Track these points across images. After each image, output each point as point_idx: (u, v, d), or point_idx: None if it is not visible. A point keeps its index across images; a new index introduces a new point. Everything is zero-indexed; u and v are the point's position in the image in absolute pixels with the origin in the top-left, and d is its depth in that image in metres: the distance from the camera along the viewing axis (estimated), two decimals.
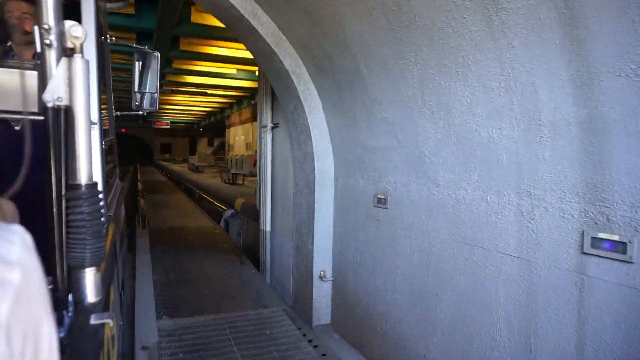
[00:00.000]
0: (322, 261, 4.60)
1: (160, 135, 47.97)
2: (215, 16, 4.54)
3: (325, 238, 4.59)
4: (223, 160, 34.02)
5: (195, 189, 12.81)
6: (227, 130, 33.30)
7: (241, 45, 13.81)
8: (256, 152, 23.92)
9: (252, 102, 24.20)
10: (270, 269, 5.89)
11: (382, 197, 3.68)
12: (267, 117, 5.86)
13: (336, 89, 4.02)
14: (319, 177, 4.53)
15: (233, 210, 8.12)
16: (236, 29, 4.52)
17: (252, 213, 6.88)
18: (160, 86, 20.36)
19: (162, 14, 10.71)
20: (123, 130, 38.48)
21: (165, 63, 16.43)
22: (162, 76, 19.22)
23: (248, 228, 7.26)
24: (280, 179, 5.65)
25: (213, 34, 12.16)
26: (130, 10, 12.11)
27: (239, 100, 27.14)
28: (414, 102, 3.06)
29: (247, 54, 14.66)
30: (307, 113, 4.46)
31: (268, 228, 5.88)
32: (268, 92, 5.77)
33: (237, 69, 17.69)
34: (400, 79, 3.11)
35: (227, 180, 13.67)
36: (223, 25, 12.15)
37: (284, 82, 4.58)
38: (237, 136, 29.39)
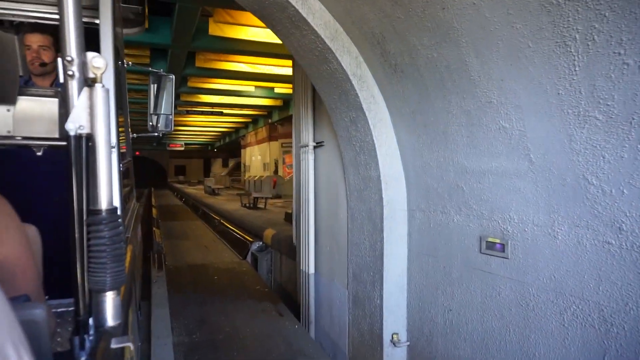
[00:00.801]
0: (395, 321, 3.50)
1: (175, 157, 47.53)
2: (249, 8, 3.56)
3: (399, 290, 3.50)
4: (239, 181, 33.23)
5: (214, 215, 11.80)
6: (242, 151, 32.53)
7: (261, 60, 12.95)
8: (275, 172, 22.95)
9: (269, 120, 23.39)
10: (316, 321, 4.79)
11: (496, 241, 2.60)
12: (307, 134, 4.84)
13: (417, 93, 2.98)
14: (389, 210, 3.47)
15: (261, 243, 7.07)
16: (276, 22, 3.54)
17: (287, 248, 5.82)
18: (175, 106, 19.54)
19: (177, 27, 9.90)
20: (137, 152, 38.06)
21: (180, 82, 15.68)
22: (177, 96, 18.50)
23: (281, 265, 6.19)
24: (326, 209, 4.60)
25: (232, 48, 11.33)
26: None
27: (254, 120, 26.38)
28: (571, 103, 2.00)
29: (267, 69, 13.81)
30: (371, 127, 3.42)
31: (311, 269, 4.81)
32: (308, 102, 4.77)
33: (255, 86, 16.88)
34: (544, 71, 2.06)
35: (247, 205, 12.66)
36: (243, 38, 11.37)
37: (338, 88, 3.56)
38: (254, 156, 28.56)
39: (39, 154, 1.21)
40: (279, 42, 6.13)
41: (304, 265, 4.94)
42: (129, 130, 2.65)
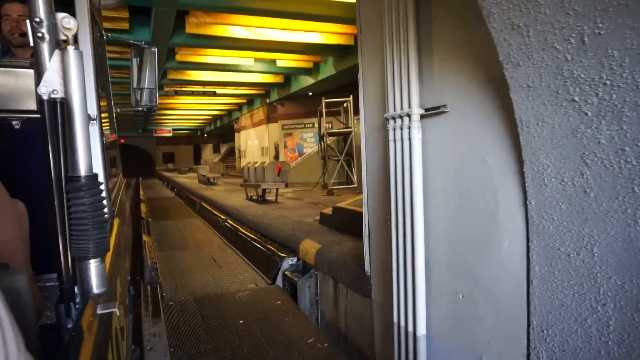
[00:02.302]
0: None
1: (162, 144, 44.99)
2: None
3: None
4: (233, 168, 31.03)
5: (217, 213, 9.71)
6: (236, 135, 30.25)
7: (264, 22, 10.73)
8: (275, 157, 20.78)
9: (267, 100, 21.15)
10: None
11: None
12: (403, 95, 2.77)
13: None
14: None
15: (297, 260, 5.05)
16: None
17: (350, 276, 3.82)
18: (161, 87, 17.16)
19: None
20: (122, 140, 35.49)
21: (167, 55, 13.38)
22: (164, 74, 16.15)
23: (337, 298, 4.17)
24: (454, 225, 2.56)
25: (231, 5, 9.12)
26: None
27: (250, 100, 24.09)
28: None
29: (270, 35, 11.58)
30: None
31: (420, 328, 2.79)
32: (409, 35, 2.68)
33: (255, 59, 14.62)
34: None
35: (256, 198, 10.59)
36: None
37: None
38: (250, 141, 26.33)
39: (17, 127, 1.20)
40: None
41: (400, 316, 2.92)
42: (112, 105, 2.66)
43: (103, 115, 1.84)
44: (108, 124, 2.35)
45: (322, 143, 14.36)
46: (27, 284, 0.69)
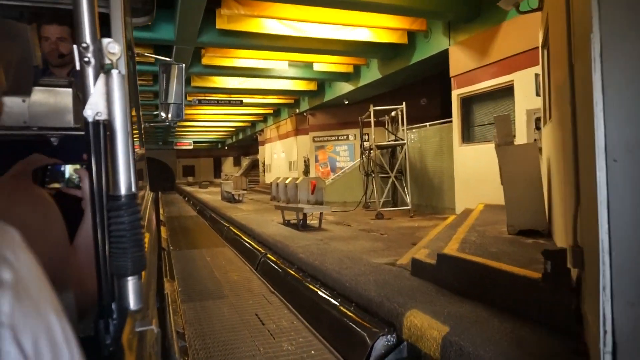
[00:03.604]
0: None
1: (182, 157, 43.90)
2: None
3: None
4: (257, 182, 29.49)
5: (254, 244, 8.01)
6: (260, 148, 28.74)
7: (307, 14, 9.10)
8: (305, 173, 19.05)
9: (296, 110, 19.56)
10: None
11: None
12: None
13: None
14: None
15: (396, 339, 3.30)
16: None
17: None
18: (185, 95, 15.71)
19: None
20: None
21: (192, 58, 11.89)
22: (187, 80, 14.68)
23: None
24: None
25: None
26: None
27: (276, 111, 22.58)
28: None
29: (311, 31, 9.97)
30: None
31: None
32: None
33: (290, 62, 13.04)
34: None
35: (295, 223, 8.89)
36: None
37: None
38: (276, 154, 24.74)
39: (55, 144, 1.26)
40: None
41: None
42: (141, 120, 2.84)
43: (134, 130, 1.93)
44: (137, 137, 2.34)
45: (364, 157, 12.64)
46: (73, 301, 0.74)
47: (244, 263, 7.43)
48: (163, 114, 2.42)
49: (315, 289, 4.85)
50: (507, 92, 8.18)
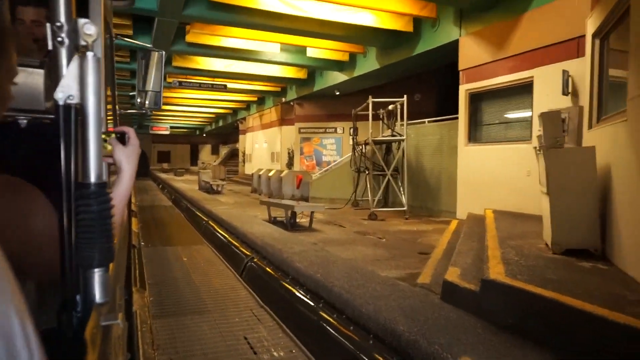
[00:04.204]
0: None
1: (157, 142, 42.24)
2: None
3: None
4: (236, 172, 28.37)
5: (238, 245, 7.12)
6: (241, 137, 27.60)
7: None
8: (289, 165, 18.15)
9: (282, 99, 18.58)
10: None
11: None
12: None
13: None
14: None
15: None
16: None
17: None
18: (164, 76, 14.70)
19: None
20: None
21: (176, 34, 10.82)
22: (168, 60, 13.56)
23: None
24: None
25: None
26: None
27: (261, 99, 21.53)
28: None
29: (308, 10, 9.06)
30: None
31: None
32: None
33: (282, 45, 12.08)
34: None
35: (284, 222, 8.04)
36: None
37: None
38: (257, 144, 23.68)
39: (23, 126, 1.19)
40: None
41: None
42: (116, 106, 2.73)
43: (109, 116, 1.92)
44: (112, 122, 2.38)
45: (356, 152, 11.84)
46: (35, 289, 0.73)
47: (226, 266, 6.51)
48: (140, 101, 2.39)
49: (318, 309, 4.01)
50: (523, 89, 7.48)
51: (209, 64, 14.06)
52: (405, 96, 9.80)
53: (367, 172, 10.71)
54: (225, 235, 7.82)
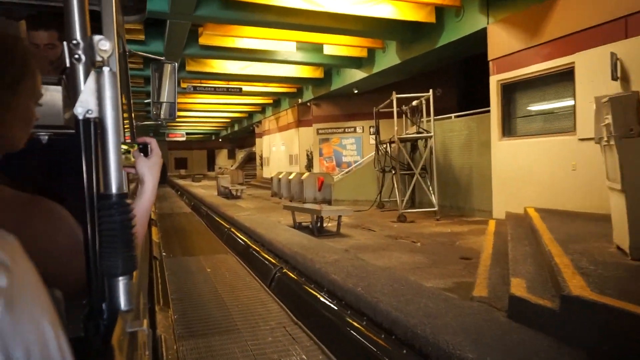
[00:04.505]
0: None
1: (174, 149, 42.37)
2: None
3: None
4: (253, 176, 28.12)
5: (265, 254, 6.77)
6: (257, 140, 27.34)
7: None
8: (308, 167, 17.78)
9: (299, 100, 18.21)
10: None
11: None
12: None
13: None
14: None
15: None
16: None
17: None
18: (178, 82, 14.59)
19: None
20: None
21: (188, 38, 10.53)
22: (182, 65, 13.31)
23: None
24: None
25: None
26: None
27: (276, 101, 21.21)
28: None
29: (332, 5, 8.65)
30: None
31: None
32: None
33: (298, 43, 11.70)
34: None
35: (310, 227, 7.66)
36: None
37: None
38: (274, 147, 23.37)
39: (44, 142, 1.26)
40: None
41: None
42: (133, 118, 2.83)
43: (126, 127, 2.00)
44: (129, 135, 2.49)
45: (380, 151, 11.38)
46: (63, 299, 0.71)
47: (252, 277, 6.13)
48: (155, 113, 2.43)
49: (362, 328, 3.59)
50: (563, 76, 6.94)
51: (223, 67, 13.78)
52: (430, 90, 9.31)
53: (393, 171, 10.23)
54: (250, 243, 7.45)
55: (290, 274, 5.39)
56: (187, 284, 5.87)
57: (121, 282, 0.77)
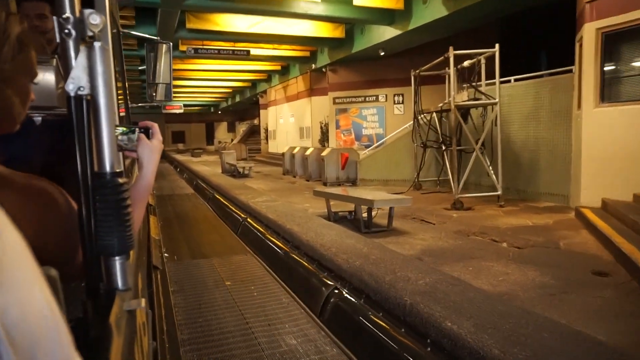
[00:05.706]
0: None
1: (171, 122, 40.30)
2: None
3: None
4: (258, 151, 26.27)
5: (308, 266, 5.01)
6: (262, 112, 25.36)
7: None
8: (322, 142, 15.84)
9: (312, 65, 16.21)
10: None
11: None
12: None
13: None
14: None
15: None
16: None
17: None
18: (176, 43, 12.67)
19: None
20: None
21: None
22: (181, 22, 11.32)
23: None
24: None
25: None
26: None
27: (285, 68, 19.16)
28: None
29: None
30: None
31: None
32: None
33: None
34: None
35: (351, 218, 5.98)
36: None
37: None
38: (282, 119, 21.44)
39: (38, 123, 1.26)
40: None
41: None
42: (127, 98, 2.79)
43: (120, 103, 1.96)
44: (124, 114, 2.43)
45: (417, 122, 9.58)
46: (57, 278, 0.68)
47: (291, 297, 4.41)
48: (151, 94, 2.42)
49: None
50: None
51: (229, 23, 11.76)
52: (497, 45, 7.44)
53: (443, 147, 8.45)
54: (279, 242, 5.72)
55: (353, 299, 3.68)
56: (204, 314, 4.14)
57: (118, 262, 0.76)
